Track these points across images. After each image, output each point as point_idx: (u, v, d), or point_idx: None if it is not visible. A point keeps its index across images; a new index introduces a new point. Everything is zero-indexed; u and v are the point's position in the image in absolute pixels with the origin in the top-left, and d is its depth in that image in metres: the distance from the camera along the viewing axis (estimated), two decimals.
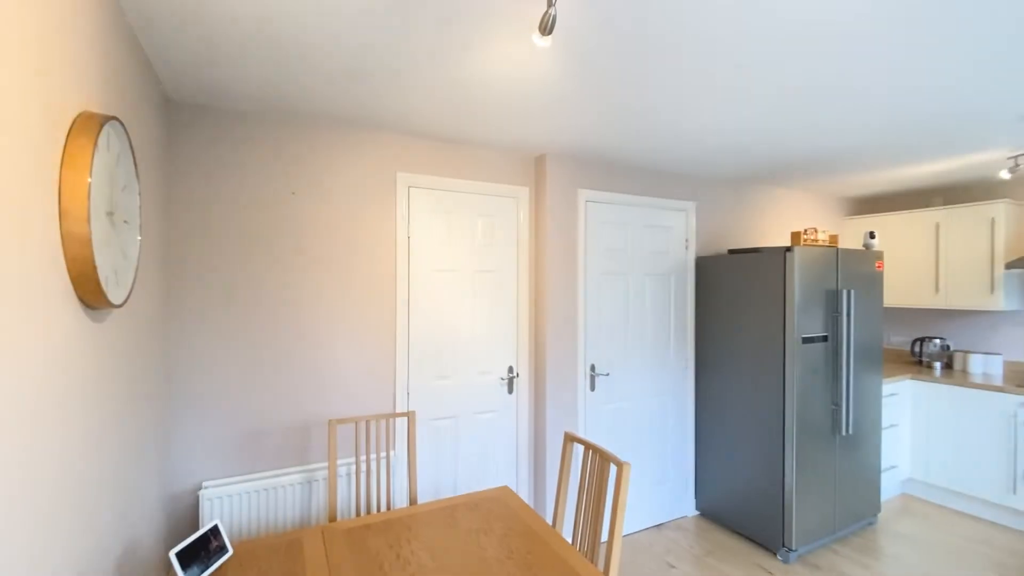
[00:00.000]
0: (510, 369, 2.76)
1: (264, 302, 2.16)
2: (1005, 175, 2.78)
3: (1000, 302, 3.25)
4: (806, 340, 2.68)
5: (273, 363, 2.18)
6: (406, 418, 2.33)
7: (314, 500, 2.24)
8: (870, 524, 3.06)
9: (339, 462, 2.29)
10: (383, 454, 2.34)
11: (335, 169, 2.30)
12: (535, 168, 2.82)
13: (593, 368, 2.87)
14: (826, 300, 2.77)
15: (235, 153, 2.11)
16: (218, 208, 2.08)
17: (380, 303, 2.41)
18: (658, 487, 3.11)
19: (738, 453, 2.94)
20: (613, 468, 3.02)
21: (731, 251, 3.04)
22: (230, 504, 2.05)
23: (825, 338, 2.76)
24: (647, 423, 3.09)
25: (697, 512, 3.23)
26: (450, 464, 2.61)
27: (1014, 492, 2.98)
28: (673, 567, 2.61)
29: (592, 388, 2.87)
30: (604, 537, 2.96)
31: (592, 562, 1.69)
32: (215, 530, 1.47)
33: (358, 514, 2.02)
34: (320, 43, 1.54)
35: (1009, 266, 3.10)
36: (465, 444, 2.65)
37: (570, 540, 2.58)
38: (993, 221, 3.29)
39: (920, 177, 3.39)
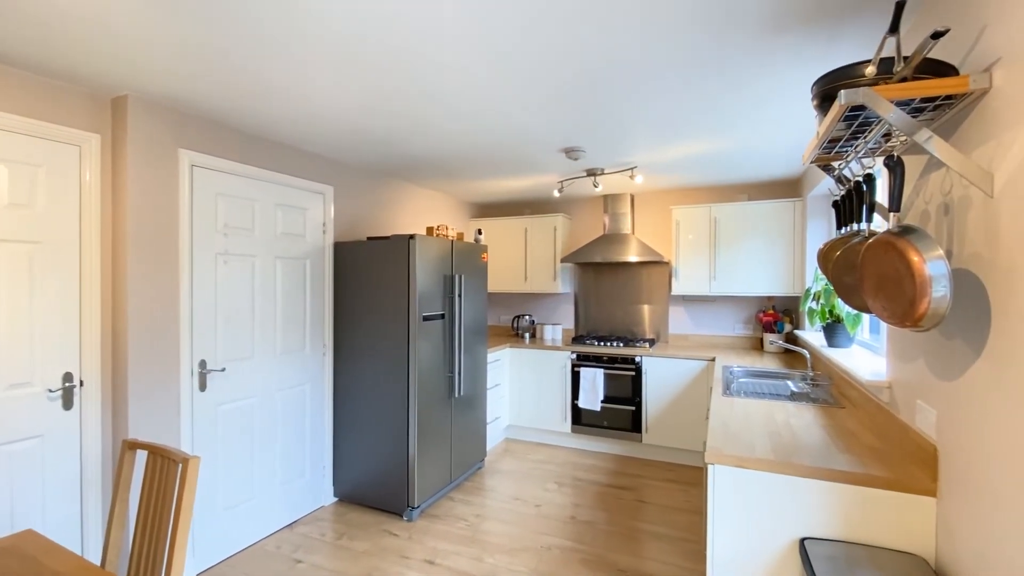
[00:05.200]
0: (68, 377, 2.05)
1: None
2: (556, 194, 3.88)
3: (559, 287, 4.52)
4: (427, 318, 3.02)
5: None
6: None
7: None
8: (479, 468, 3.73)
9: None
10: None
11: None
12: (112, 111, 2.18)
13: (204, 364, 2.44)
14: (444, 284, 3.19)
15: None
16: None
17: None
18: (293, 484, 2.92)
19: (372, 430, 3.07)
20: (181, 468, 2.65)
21: (370, 238, 3.14)
22: None
23: (443, 316, 3.18)
24: (280, 418, 2.86)
25: (336, 499, 3.21)
26: None
27: (565, 420, 4.18)
28: (300, 562, 2.49)
29: (203, 388, 2.44)
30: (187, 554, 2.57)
31: None
32: None
33: None
34: None
35: (562, 261, 4.34)
36: None
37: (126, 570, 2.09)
38: (555, 228, 4.54)
39: (515, 190, 4.35)
